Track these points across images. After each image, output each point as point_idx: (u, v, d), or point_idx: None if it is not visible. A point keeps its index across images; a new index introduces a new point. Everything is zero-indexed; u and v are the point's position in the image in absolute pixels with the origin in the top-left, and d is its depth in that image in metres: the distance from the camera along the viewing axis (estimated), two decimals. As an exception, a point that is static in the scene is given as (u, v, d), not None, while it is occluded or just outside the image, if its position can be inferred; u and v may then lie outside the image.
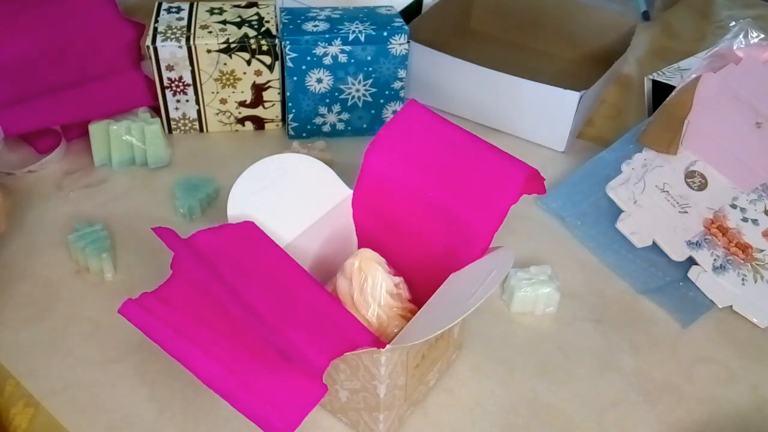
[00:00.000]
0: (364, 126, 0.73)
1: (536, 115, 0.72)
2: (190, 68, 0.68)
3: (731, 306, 0.56)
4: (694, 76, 0.65)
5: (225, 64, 0.68)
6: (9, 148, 0.69)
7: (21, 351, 0.50)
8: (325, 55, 0.67)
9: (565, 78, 0.76)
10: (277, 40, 0.68)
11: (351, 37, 0.67)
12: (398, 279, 0.45)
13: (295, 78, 0.68)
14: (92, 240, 0.56)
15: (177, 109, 0.71)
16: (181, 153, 0.70)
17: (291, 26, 0.68)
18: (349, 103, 0.71)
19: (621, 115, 0.79)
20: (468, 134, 0.46)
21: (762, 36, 0.67)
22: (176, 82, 0.69)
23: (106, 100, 0.67)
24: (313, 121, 0.72)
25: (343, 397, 0.44)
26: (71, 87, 0.67)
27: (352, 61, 0.68)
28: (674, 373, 0.51)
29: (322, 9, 0.71)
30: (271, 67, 0.69)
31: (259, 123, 0.74)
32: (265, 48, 0.68)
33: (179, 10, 0.72)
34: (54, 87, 0.66)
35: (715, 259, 0.57)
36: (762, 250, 0.58)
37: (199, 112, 0.72)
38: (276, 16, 0.72)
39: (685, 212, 0.60)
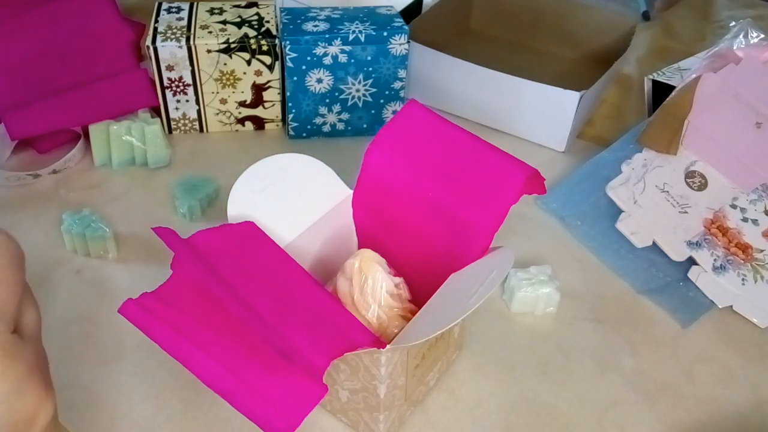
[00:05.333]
0: (364, 126, 0.73)
1: (536, 115, 0.72)
2: (190, 68, 0.68)
3: (731, 306, 0.56)
4: (694, 76, 0.65)
5: (225, 64, 0.68)
6: (16, 149, 0.69)
7: (21, 351, 0.50)
8: (325, 55, 0.67)
9: (565, 78, 0.76)
10: (277, 40, 0.68)
11: (351, 37, 0.67)
12: (398, 279, 0.45)
13: (295, 78, 0.68)
14: (87, 224, 0.57)
15: (177, 109, 0.71)
16: (181, 153, 0.70)
17: (291, 26, 0.68)
18: (349, 103, 0.71)
19: (621, 115, 0.79)
20: (468, 134, 0.46)
21: (762, 36, 0.67)
22: (176, 82, 0.69)
23: (112, 101, 0.67)
24: (313, 121, 0.72)
25: (343, 397, 0.44)
26: (76, 88, 0.67)
27: (352, 61, 0.68)
28: (674, 373, 0.51)
29: (322, 9, 0.71)
30: (271, 67, 0.69)
31: (259, 123, 0.74)
32: (265, 48, 0.68)
33: (179, 10, 0.72)
34: (58, 88, 0.66)
35: (715, 259, 0.57)
36: (762, 250, 0.58)
37: (199, 112, 0.72)
38: (276, 16, 0.72)
39: (685, 212, 0.60)
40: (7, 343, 0.31)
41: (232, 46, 0.67)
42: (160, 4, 0.73)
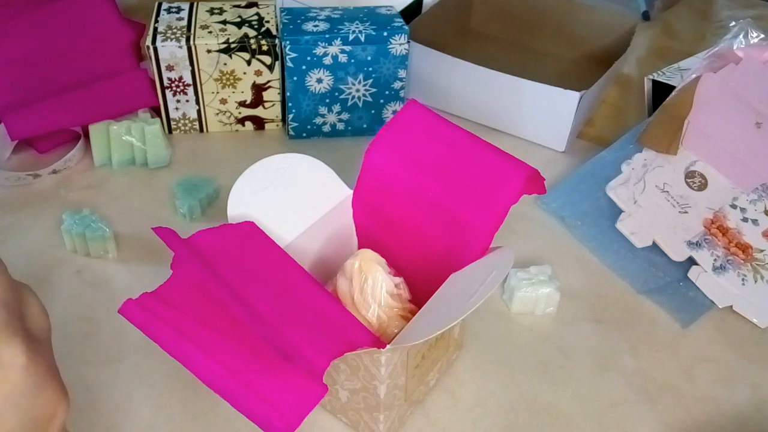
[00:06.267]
0: (364, 126, 0.73)
1: (536, 115, 0.72)
2: (190, 68, 0.68)
3: (731, 306, 0.56)
4: (694, 76, 0.65)
5: (225, 64, 0.68)
6: (16, 149, 0.69)
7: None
8: (325, 55, 0.67)
9: (565, 78, 0.76)
10: (277, 40, 0.68)
11: (351, 37, 0.67)
12: (398, 279, 0.45)
13: (295, 78, 0.68)
14: (87, 224, 0.57)
15: (177, 109, 0.71)
16: (181, 153, 0.70)
17: (291, 26, 0.68)
18: (349, 103, 0.71)
19: (621, 115, 0.79)
20: (468, 134, 0.46)
21: (762, 36, 0.67)
22: (176, 82, 0.69)
23: (112, 101, 0.67)
24: (313, 121, 0.72)
25: (343, 397, 0.44)
26: (76, 88, 0.67)
27: (352, 61, 0.68)
28: (674, 373, 0.51)
29: (322, 9, 0.71)
30: (271, 67, 0.69)
31: (259, 123, 0.74)
32: (265, 48, 0.68)
33: (179, 10, 0.72)
34: (58, 88, 0.66)
35: (715, 259, 0.57)
36: (762, 250, 0.58)
37: (199, 112, 0.72)
38: (276, 16, 0.72)
39: (685, 212, 0.60)
40: (29, 338, 0.31)
41: (232, 46, 0.67)
42: (160, 4, 0.73)
